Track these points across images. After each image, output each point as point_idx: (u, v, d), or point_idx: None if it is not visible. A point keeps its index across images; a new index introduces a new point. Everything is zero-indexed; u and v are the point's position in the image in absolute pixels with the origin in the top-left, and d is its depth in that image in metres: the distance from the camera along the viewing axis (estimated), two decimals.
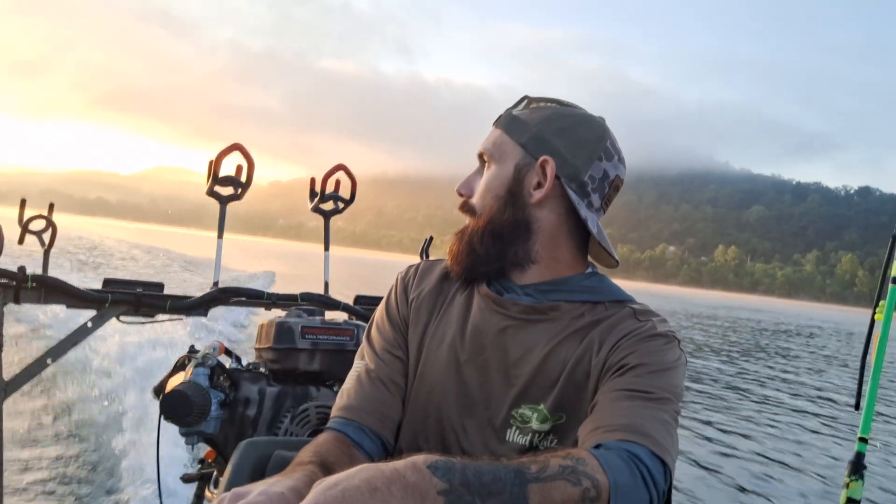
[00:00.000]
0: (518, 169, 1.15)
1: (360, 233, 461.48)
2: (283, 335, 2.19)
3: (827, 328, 44.36)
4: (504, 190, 1.15)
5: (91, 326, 2.36)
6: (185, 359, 2.18)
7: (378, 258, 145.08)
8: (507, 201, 1.15)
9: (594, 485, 0.80)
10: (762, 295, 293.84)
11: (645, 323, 1.09)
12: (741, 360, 16.88)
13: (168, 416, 1.94)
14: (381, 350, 1.21)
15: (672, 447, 0.93)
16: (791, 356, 20.57)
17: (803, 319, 57.61)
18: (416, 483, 0.72)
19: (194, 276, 21.19)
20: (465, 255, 1.17)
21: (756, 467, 6.55)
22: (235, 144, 2.58)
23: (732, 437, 7.74)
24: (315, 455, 1.01)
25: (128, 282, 2.46)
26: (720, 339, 23.92)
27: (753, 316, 52.68)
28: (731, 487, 5.79)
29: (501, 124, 1.19)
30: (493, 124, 1.21)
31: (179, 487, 2.47)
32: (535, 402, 1.08)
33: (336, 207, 2.94)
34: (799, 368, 17.10)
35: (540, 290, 1.14)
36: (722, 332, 27.96)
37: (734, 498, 5.54)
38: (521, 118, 1.17)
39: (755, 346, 22.30)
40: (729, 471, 6.24)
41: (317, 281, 3.02)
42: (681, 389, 1.03)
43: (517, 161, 1.15)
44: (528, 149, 1.15)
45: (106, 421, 4.91)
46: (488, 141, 1.20)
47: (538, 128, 1.15)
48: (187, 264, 26.10)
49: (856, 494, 1.64)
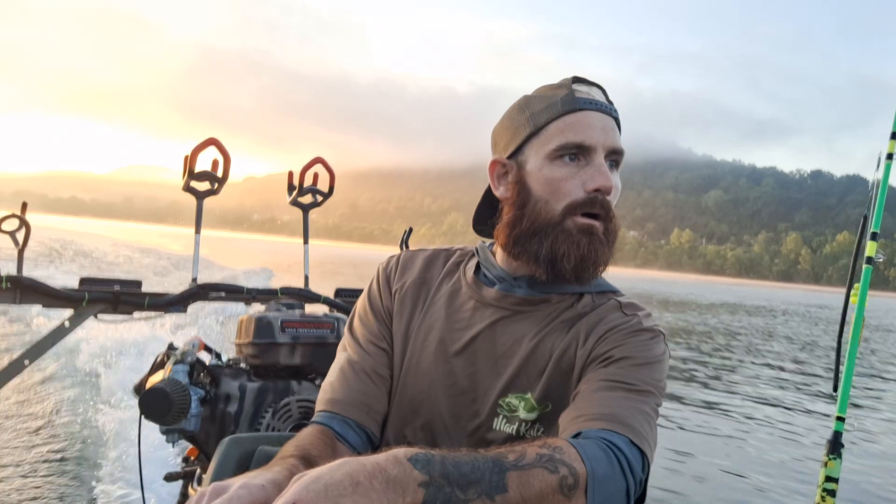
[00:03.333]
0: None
1: (333, 225, 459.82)
2: (263, 330, 2.14)
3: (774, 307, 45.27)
4: None
5: (69, 326, 2.28)
6: (164, 356, 2.13)
7: (349, 250, 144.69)
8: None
9: (571, 472, 0.80)
10: (714, 275, 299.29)
11: (631, 317, 1.07)
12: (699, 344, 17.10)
13: (148, 415, 1.88)
14: (364, 342, 1.16)
15: (651, 438, 0.93)
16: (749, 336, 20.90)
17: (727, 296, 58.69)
18: (398, 476, 0.71)
19: (185, 272, 20.86)
20: (604, 259, 1.07)
21: (732, 448, 6.46)
22: (211, 139, 2.50)
23: (705, 417, 7.65)
24: (298, 449, 0.98)
25: (105, 280, 2.38)
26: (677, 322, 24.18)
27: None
28: (707, 469, 5.64)
29: (616, 120, 1.10)
30: (614, 118, 1.09)
31: (163, 487, 2.39)
32: (523, 392, 1.06)
33: (315, 201, 2.88)
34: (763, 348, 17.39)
35: (535, 282, 1.10)
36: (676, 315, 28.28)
37: (711, 478, 5.39)
38: (617, 119, 1.10)
39: (720, 330, 22.60)
40: (704, 453, 6.11)
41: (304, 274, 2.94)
42: (663, 383, 1.02)
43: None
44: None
45: (87, 421, 4.78)
46: (616, 139, 1.08)
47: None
48: (169, 261, 25.66)
49: (834, 473, 1.63)
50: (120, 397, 5.17)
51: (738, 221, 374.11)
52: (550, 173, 1.05)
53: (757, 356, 14.50)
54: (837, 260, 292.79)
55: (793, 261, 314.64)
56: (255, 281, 16.64)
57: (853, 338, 1.65)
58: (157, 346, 3.15)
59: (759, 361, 13.51)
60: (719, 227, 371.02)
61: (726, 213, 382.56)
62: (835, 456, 1.64)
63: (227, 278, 15.40)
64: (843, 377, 1.65)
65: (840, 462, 1.64)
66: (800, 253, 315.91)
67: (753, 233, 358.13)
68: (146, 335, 7.36)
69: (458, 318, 1.13)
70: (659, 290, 50.84)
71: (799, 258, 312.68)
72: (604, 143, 1.04)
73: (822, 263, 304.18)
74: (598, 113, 1.06)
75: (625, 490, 0.85)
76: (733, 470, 5.69)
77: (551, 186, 1.05)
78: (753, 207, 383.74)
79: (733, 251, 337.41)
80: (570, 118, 1.05)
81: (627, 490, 0.85)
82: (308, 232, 2.94)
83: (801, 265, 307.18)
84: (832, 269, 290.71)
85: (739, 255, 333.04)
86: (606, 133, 1.05)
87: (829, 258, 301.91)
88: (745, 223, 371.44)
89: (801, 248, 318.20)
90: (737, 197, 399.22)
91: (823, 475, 1.64)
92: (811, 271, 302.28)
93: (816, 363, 14.15)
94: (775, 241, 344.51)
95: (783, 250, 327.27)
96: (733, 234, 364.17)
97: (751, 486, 5.27)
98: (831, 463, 1.64)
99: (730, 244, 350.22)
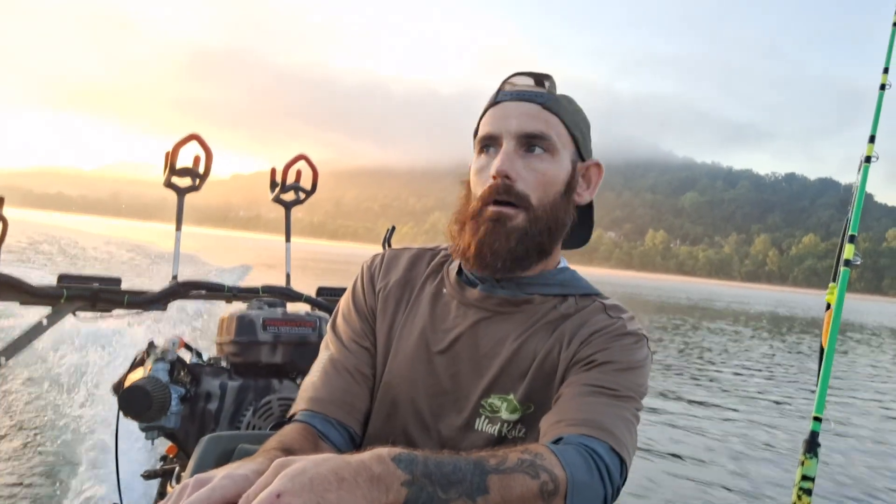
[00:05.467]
0: (573, 165, 1.09)
1: (318, 223, 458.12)
2: (245, 328, 2.10)
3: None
4: (564, 186, 1.07)
5: (46, 324, 2.20)
6: (145, 354, 2.08)
7: (333, 248, 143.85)
8: (565, 198, 1.08)
9: (552, 479, 0.79)
10: (686, 276, 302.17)
11: (616, 321, 1.06)
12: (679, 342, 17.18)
13: (127, 412, 1.84)
14: (347, 340, 1.14)
15: (631, 444, 0.93)
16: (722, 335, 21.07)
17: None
18: (381, 474, 0.70)
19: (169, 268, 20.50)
20: (516, 250, 1.03)
21: (709, 449, 6.38)
22: (192, 135, 2.44)
23: (682, 418, 7.55)
24: (281, 444, 0.96)
25: (84, 277, 2.31)
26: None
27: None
28: (685, 469, 5.58)
29: (553, 108, 1.06)
30: (539, 103, 1.05)
31: (141, 485, 2.34)
32: (505, 393, 1.05)
33: (297, 198, 2.82)
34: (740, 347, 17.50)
35: (517, 284, 1.09)
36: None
37: (688, 478, 5.33)
38: (569, 108, 1.09)
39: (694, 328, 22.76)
40: (682, 453, 6.04)
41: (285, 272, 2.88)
42: (645, 388, 1.02)
43: (571, 156, 1.09)
44: (579, 145, 1.10)
45: (65, 419, 4.67)
46: (543, 122, 1.05)
47: (583, 124, 1.11)
48: (153, 258, 25.28)
49: (810, 472, 1.61)
50: (98, 395, 5.06)
51: (712, 223, 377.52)
52: (473, 168, 1.09)
53: (734, 357, 14.59)
54: (803, 261, 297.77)
55: (761, 262, 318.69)
56: (231, 277, 16.39)
57: (830, 338, 1.63)
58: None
59: (737, 361, 13.58)
60: (694, 228, 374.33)
61: (702, 215, 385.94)
62: (811, 455, 1.62)
63: (203, 274, 15.19)
64: (820, 378, 1.64)
65: (817, 461, 1.63)
66: (767, 254, 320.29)
67: (726, 234, 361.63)
68: (120, 330, 7.24)
69: (441, 319, 1.11)
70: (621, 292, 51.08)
71: (766, 259, 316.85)
72: (510, 129, 1.04)
73: (788, 264, 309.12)
74: (515, 102, 1.05)
75: (602, 497, 0.85)
76: (709, 467, 5.69)
77: (473, 180, 1.08)
78: (728, 209, 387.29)
79: (705, 252, 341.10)
80: (490, 112, 1.08)
81: (605, 497, 0.85)
82: (290, 229, 2.89)
83: (769, 266, 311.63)
84: (797, 270, 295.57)
85: (711, 256, 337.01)
86: (518, 119, 1.04)
87: (795, 259, 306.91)
88: (719, 225, 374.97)
89: (770, 250, 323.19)
90: (712, 199, 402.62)
91: (800, 474, 1.63)
92: (777, 272, 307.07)
93: (791, 363, 14.28)
94: (747, 242, 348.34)
95: (752, 251, 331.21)
96: (707, 235, 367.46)
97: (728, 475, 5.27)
98: (808, 462, 1.62)
99: (702, 245, 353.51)
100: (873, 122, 1.79)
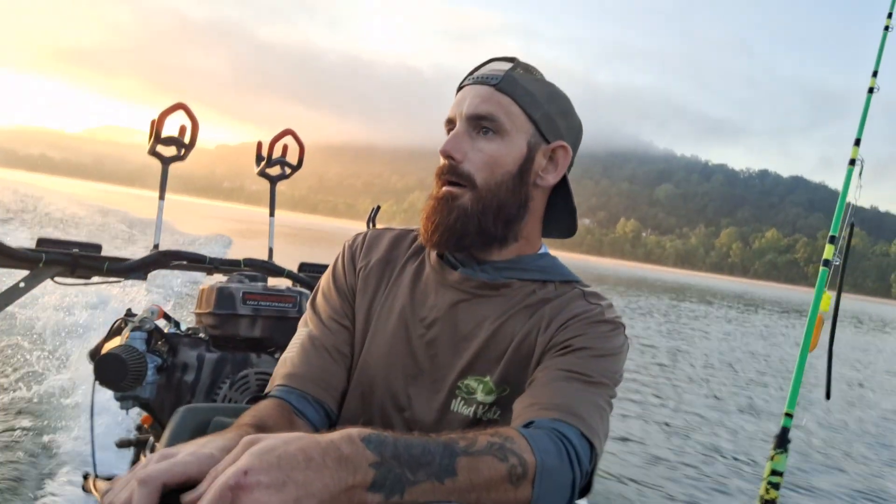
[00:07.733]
0: (530, 147, 1.07)
1: (300, 197, 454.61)
2: (224, 300, 2.06)
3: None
4: (516, 168, 1.06)
5: (24, 287, 2.13)
6: (122, 322, 2.02)
7: (314, 222, 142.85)
8: (517, 180, 1.06)
9: (521, 462, 0.79)
10: (654, 264, 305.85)
11: (594, 307, 1.05)
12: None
13: (102, 381, 1.79)
14: (326, 318, 1.13)
15: (602, 431, 0.93)
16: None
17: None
18: (350, 455, 0.69)
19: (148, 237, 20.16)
20: (455, 228, 1.04)
21: (676, 441, 6.22)
22: (179, 104, 2.37)
23: (650, 409, 7.36)
24: (255, 419, 0.94)
25: (64, 242, 2.24)
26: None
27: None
28: (653, 463, 5.41)
29: (507, 90, 1.05)
30: (492, 85, 1.05)
31: (115, 454, 2.29)
32: (482, 375, 1.04)
33: (283, 172, 2.76)
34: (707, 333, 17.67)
35: (496, 268, 1.09)
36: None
37: (658, 474, 5.15)
38: (530, 89, 1.06)
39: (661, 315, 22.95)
40: (650, 446, 5.86)
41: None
42: (619, 376, 1.01)
43: (529, 138, 1.06)
44: (541, 127, 1.07)
45: (40, 387, 4.51)
46: (493, 104, 1.04)
47: (548, 106, 1.08)
48: (132, 226, 24.78)
49: (780, 466, 1.61)
50: (73, 363, 4.93)
51: (686, 215, 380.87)
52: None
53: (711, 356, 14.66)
54: (764, 255, 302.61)
55: (725, 254, 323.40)
56: (210, 249, 16.16)
57: (805, 338, 1.62)
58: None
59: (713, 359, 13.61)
60: (667, 219, 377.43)
61: (675, 207, 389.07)
62: (781, 450, 1.62)
63: (183, 244, 14.95)
64: (793, 374, 1.63)
65: (786, 456, 1.63)
66: (731, 247, 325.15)
67: (695, 227, 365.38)
68: (104, 296, 7.11)
69: (420, 300, 1.10)
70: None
71: (730, 252, 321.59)
72: (462, 111, 1.05)
73: (750, 258, 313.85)
74: (472, 86, 1.06)
75: (571, 481, 0.84)
76: (680, 462, 5.64)
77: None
78: (701, 202, 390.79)
79: (672, 243, 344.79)
80: (456, 97, 1.09)
81: (574, 482, 0.85)
82: (274, 204, 2.83)
83: (732, 258, 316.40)
84: (758, 264, 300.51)
85: (678, 246, 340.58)
86: (470, 101, 1.05)
87: (757, 253, 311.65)
88: (691, 217, 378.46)
89: (734, 243, 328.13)
90: (686, 191, 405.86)
91: (769, 468, 1.63)
92: (740, 264, 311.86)
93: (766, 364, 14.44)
94: (715, 234, 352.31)
95: (717, 244, 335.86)
96: (679, 226, 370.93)
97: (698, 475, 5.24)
98: (777, 457, 1.62)
99: (671, 236, 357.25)
100: (860, 125, 1.76)
